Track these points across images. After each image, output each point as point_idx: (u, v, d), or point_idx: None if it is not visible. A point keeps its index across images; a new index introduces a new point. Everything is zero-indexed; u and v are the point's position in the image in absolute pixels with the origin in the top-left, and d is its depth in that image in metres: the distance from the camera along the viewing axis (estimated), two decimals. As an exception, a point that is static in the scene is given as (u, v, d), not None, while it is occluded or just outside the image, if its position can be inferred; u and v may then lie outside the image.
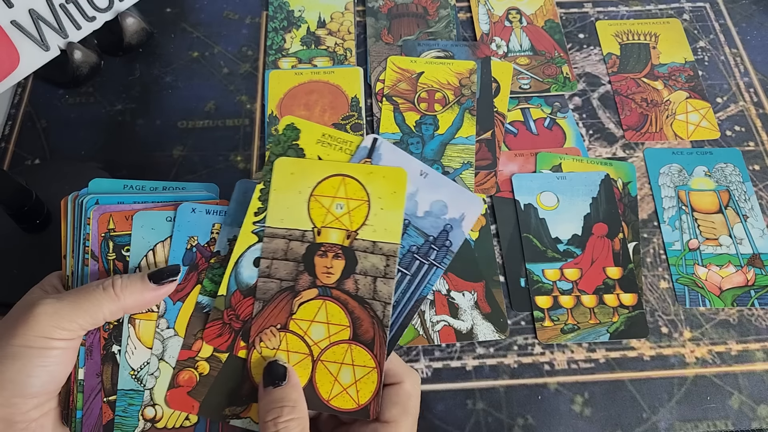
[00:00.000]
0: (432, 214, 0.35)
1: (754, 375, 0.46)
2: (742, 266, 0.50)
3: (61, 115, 0.57)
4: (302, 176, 0.35)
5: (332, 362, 0.33)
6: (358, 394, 0.33)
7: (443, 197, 0.35)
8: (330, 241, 0.34)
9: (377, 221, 0.34)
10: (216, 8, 0.65)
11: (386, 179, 0.34)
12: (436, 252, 0.35)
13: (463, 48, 0.61)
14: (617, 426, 0.44)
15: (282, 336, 0.33)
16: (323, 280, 0.34)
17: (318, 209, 0.34)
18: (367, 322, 0.33)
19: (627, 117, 0.58)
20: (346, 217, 0.34)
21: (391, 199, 0.34)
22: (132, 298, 0.32)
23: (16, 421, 0.30)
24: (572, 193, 0.53)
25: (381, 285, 0.33)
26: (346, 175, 0.35)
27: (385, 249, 0.34)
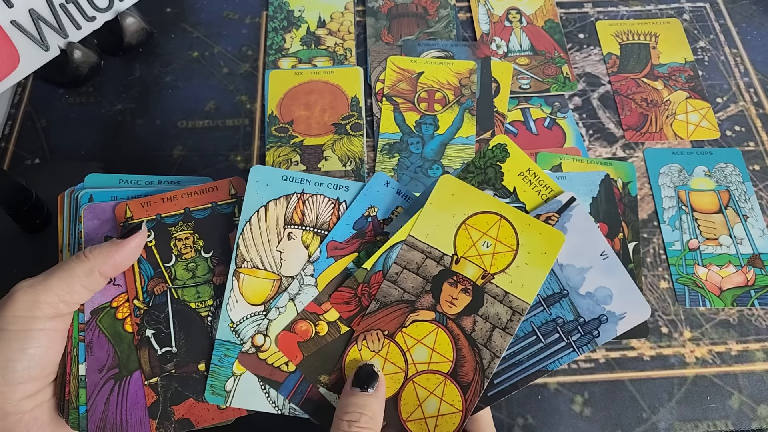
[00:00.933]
0: (594, 297, 0.33)
1: (754, 375, 0.46)
2: (742, 266, 0.50)
3: (61, 115, 0.57)
4: (462, 201, 0.34)
5: (423, 388, 0.33)
6: (435, 429, 0.32)
7: (613, 287, 0.34)
8: (464, 274, 0.34)
9: (517, 274, 0.33)
10: (216, 8, 0.65)
11: (542, 237, 0.33)
12: (579, 335, 0.33)
13: (463, 48, 0.61)
14: (617, 426, 0.44)
15: (386, 343, 0.33)
16: (444, 308, 0.33)
17: (465, 238, 0.34)
18: (471, 365, 0.33)
19: (627, 117, 0.58)
20: (489, 258, 0.34)
21: (539, 257, 0.33)
22: (101, 256, 0.32)
23: (8, 412, 0.29)
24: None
25: (497, 336, 0.33)
26: (504, 216, 0.34)
27: (515, 304, 0.33)
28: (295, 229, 0.36)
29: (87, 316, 0.35)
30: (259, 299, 0.35)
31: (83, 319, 0.35)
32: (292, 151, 0.55)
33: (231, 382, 0.34)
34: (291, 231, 0.36)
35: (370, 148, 0.56)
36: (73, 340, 0.34)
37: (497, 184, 0.36)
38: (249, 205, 0.36)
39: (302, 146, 0.55)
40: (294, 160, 0.55)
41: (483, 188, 0.36)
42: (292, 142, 0.56)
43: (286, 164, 0.54)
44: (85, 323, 0.35)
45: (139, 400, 0.34)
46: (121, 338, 0.35)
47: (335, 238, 0.36)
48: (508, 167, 0.36)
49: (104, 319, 0.35)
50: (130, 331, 0.35)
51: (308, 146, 0.55)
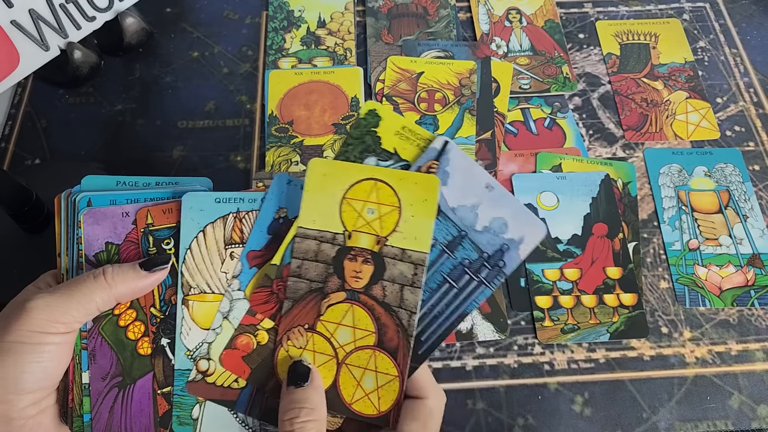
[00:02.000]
0: (490, 230, 0.34)
1: (754, 375, 0.46)
2: (742, 266, 0.50)
3: (61, 115, 0.57)
4: (335, 178, 0.34)
5: (356, 366, 0.33)
6: (379, 401, 0.33)
7: (505, 215, 0.34)
8: (360, 246, 0.34)
9: (407, 228, 0.33)
10: (216, 8, 0.65)
11: (418, 186, 0.34)
12: (488, 270, 0.34)
13: (463, 48, 0.61)
14: (617, 426, 0.44)
15: (309, 336, 0.33)
16: (352, 284, 0.34)
17: (350, 212, 0.34)
18: (392, 330, 0.33)
19: (627, 117, 0.58)
20: (377, 223, 0.34)
21: (422, 206, 0.34)
22: (123, 285, 0.32)
23: (12, 418, 0.29)
24: (572, 193, 0.53)
25: (408, 293, 0.33)
26: (377, 179, 0.34)
27: (414, 257, 0.33)
28: (237, 248, 0.36)
29: (89, 324, 0.35)
30: (211, 323, 0.35)
31: (85, 327, 0.35)
32: (292, 151, 0.55)
33: (197, 410, 0.34)
34: (233, 250, 0.36)
35: (370, 148, 0.56)
36: (76, 347, 0.34)
37: (377, 149, 0.36)
38: (186, 232, 0.36)
39: (302, 146, 0.55)
40: (294, 160, 0.55)
41: (365, 156, 0.36)
42: (292, 142, 0.56)
43: (287, 164, 0.54)
44: (88, 331, 0.35)
45: (143, 408, 0.34)
46: (124, 346, 0.35)
47: (252, 247, 0.36)
48: (383, 130, 0.36)
49: (107, 326, 0.35)
50: (133, 339, 0.35)
51: (308, 146, 0.55)
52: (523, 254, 0.34)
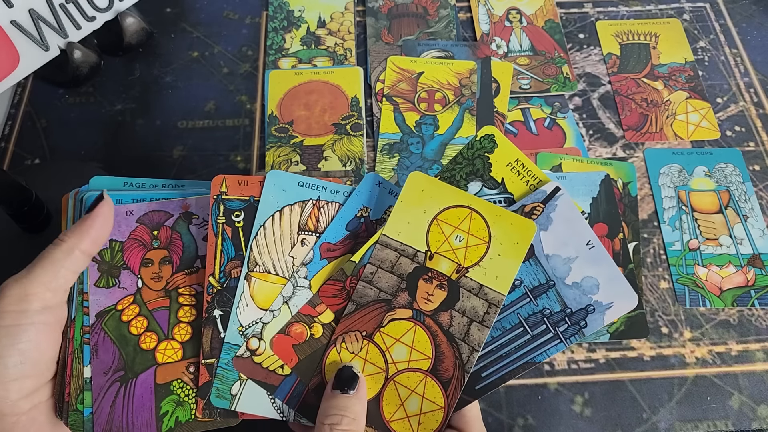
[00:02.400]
0: (580, 287, 0.33)
1: (754, 375, 0.46)
2: (742, 266, 0.50)
3: (61, 115, 0.57)
4: (432, 197, 0.34)
5: (404, 387, 0.33)
6: (419, 427, 0.32)
7: (599, 276, 0.33)
8: (439, 269, 0.33)
9: (491, 266, 0.33)
10: (216, 8, 0.65)
11: (513, 227, 0.33)
12: (567, 326, 0.33)
13: (463, 48, 0.61)
14: (617, 426, 0.44)
15: (365, 344, 0.33)
16: (421, 305, 0.33)
17: (437, 234, 0.34)
18: (450, 360, 0.33)
19: (627, 117, 0.58)
20: (462, 252, 0.33)
21: (512, 248, 0.33)
22: (76, 235, 0.32)
23: (5, 413, 0.29)
24: (572, 193, 0.53)
25: (475, 330, 0.33)
26: (474, 209, 0.34)
27: (490, 296, 0.33)
28: (309, 235, 0.36)
29: (92, 318, 0.35)
30: (269, 304, 0.35)
31: (88, 322, 0.35)
32: (292, 151, 0.55)
33: (237, 386, 0.34)
34: (305, 237, 0.36)
35: (370, 148, 0.56)
36: (75, 341, 0.34)
37: (485, 175, 0.36)
38: (264, 210, 0.36)
39: (302, 146, 0.55)
40: (294, 160, 0.55)
41: (471, 179, 0.36)
42: (292, 142, 0.56)
43: (286, 164, 0.54)
44: (90, 326, 0.35)
45: (145, 403, 0.34)
46: (127, 341, 0.35)
47: (328, 239, 0.36)
48: (496, 158, 0.36)
49: (109, 321, 0.35)
50: (136, 334, 0.35)
51: (308, 146, 0.55)
52: (608, 320, 0.33)
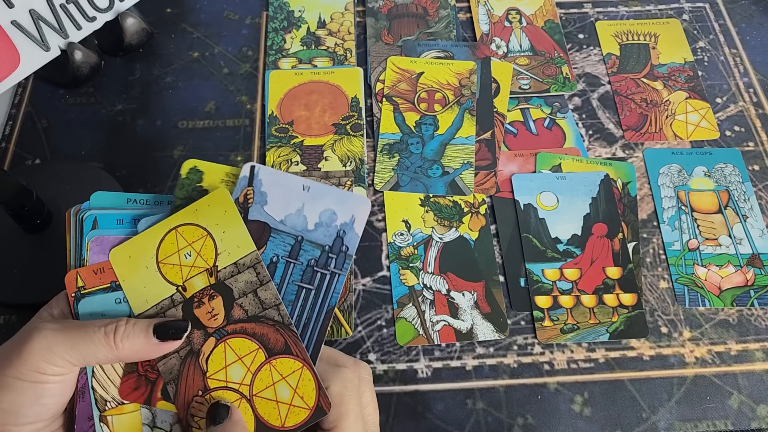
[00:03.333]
0: (322, 224, 0.35)
1: (753, 375, 0.46)
2: (741, 266, 0.50)
3: (62, 116, 0.58)
4: (139, 253, 0.34)
5: (264, 390, 0.33)
6: (303, 400, 0.32)
7: (330, 205, 0.35)
8: (199, 288, 0.34)
9: (227, 244, 0.34)
10: (216, 8, 0.65)
11: (212, 206, 0.34)
12: (334, 260, 0.35)
13: (463, 48, 0.62)
14: (617, 426, 0.44)
15: (209, 398, 0.33)
16: (213, 325, 0.33)
17: (171, 270, 0.34)
18: (272, 332, 0.33)
19: (627, 117, 0.58)
20: (199, 259, 0.34)
21: (226, 218, 0.34)
22: (131, 350, 0.31)
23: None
24: (572, 193, 0.53)
25: (263, 293, 0.33)
26: (174, 227, 0.34)
27: (248, 261, 0.34)
28: None
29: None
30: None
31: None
32: (292, 151, 0.55)
33: None
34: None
35: (370, 149, 0.56)
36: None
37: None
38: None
39: (302, 146, 0.55)
40: (294, 160, 0.55)
41: None
42: (293, 143, 0.56)
43: (287, 164, 0.54)
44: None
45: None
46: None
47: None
48: (208, 183, 0.37)
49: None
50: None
51: (308, 146, 0.55)
52: (359, 230, 0.35)
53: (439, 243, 0.51)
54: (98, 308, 0.34)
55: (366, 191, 0.53)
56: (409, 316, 0.48)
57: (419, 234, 0.51)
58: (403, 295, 0.49)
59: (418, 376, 0.46)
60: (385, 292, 0.49)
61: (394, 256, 0.50)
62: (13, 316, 0.48)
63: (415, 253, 0.50)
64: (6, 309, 0.48)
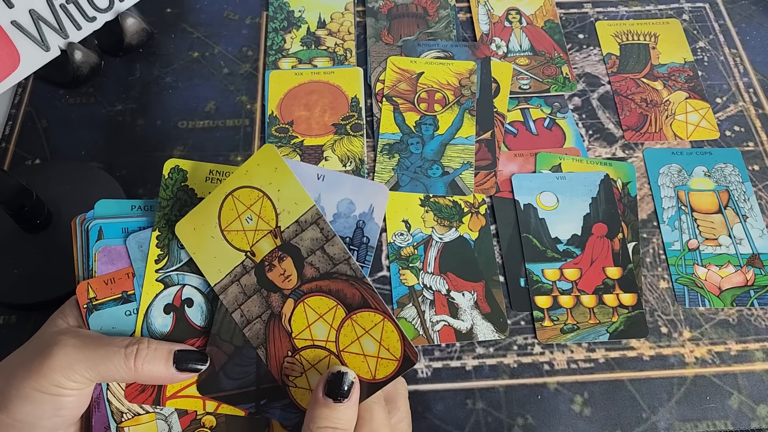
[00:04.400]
0: (341, 215, 0.34)
1: (753, 375, 0.46)
2: (741, 266, 0.50)
3: (62, 116, 0.58)
4: (202, 224, 0.34)
5: (350, 344, 0.32)
6: (390, 351, 0.32)
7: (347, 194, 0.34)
8: (267, 251, 0.33)
9: (285, 203, 0.33)
10: (216, 8, 0.65)
11: (261, 165, 0.33)
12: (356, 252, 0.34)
13: (462, 48, 0.62)
14: (617, 426, 0.44)
15: (299, 358, 0.33)
16: (288, 286, 0.33)
17: (237, 237, 0.34)
18: (347, 287, 0.32)
19: (626, 117, 0.58)
20: (261, 222, 0.33)
21: (278, 176, 0.33)
22: (149, 375, 0.32)
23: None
24: (572, 193, 0.53)
25: (330, 249, 0.33)
26: (230, 192, 0.34)
27: (309, 218, 0.33)
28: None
29: None
30: None
31: None
32: (292, 151, 0.55)
33: None
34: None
35: (370, 149, 0.56)
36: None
37: (195, 201, 0.36)
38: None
39: (302, 146, 0.55)
40: (294, 160, 0.55)
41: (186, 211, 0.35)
42: (293, 143, 0.56)
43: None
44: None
45: None
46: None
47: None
48: (193, 181, 0.36)
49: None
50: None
51: (308, 146, 0.55)
52: (379, 220, 0.34)
53: (439, 243, 0.51)
54: (108, 322, 0.34)
55: (366, 191, 0.53)
56: (409, 316, 0.48)
57: (419, 234, 0.51)
58: (403, 295, 0.49)
59: (418, 376, 0.46)
60: (385, 292, 0.49)
61: (394, 256, 0.50)
62: (13, 316, 0.48)
63: (415, 253, 0.50)
64: (6, 309, 0.48)
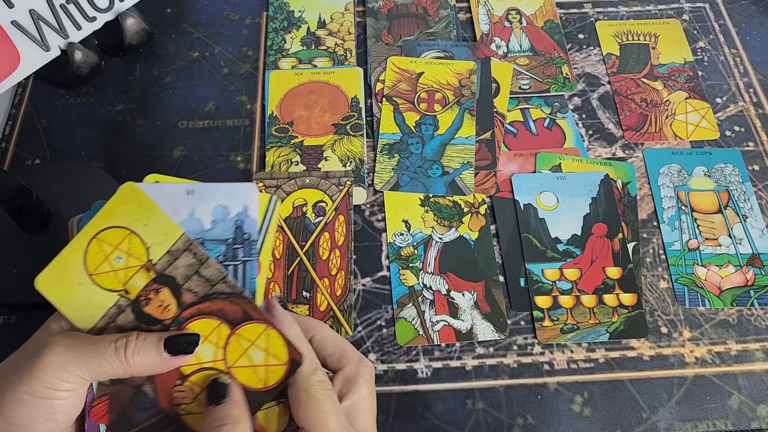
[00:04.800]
0: (218, 220, 0.35)
1: (753, 375, 0.46)
2: (741, 266, 0.50)
3: (62, 116, 0.58)
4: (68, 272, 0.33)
5: (239, 359, 0.33)
6: (277, 357, 0.33)
7: (220, 201, 0.35)
8: (141, 287, 0.33)
9: (154, 236, 0.33)
10: (216, 8, 0.65)
11: (124, 204, 0.34)
12: (241, 249, 0.35)
13: (462, 48, 0.62)
14: (617, 426, 0.44)
15: (189, 384, 0.33)
16: (168, 316, 0.33)
17: (107, 278, 0.33)
18: (227, 305, 0.33)
19: (626, 117, 0.58)
20: (131, 259, 0.33)
21: (143, 211, 0.34)
22: (142, 366, 0.31)
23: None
24: (572, 193, 0.53)
25: (206, 271, 0.33)
26: (94, 236, 0.34)
27: (181, 245, 0.33)
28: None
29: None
30: None
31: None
32: (292, 151, 0.55)
33: None
34: None
35: (370, 149, 0.56)
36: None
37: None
38: None
39: (302, 146, 0.55)
40: (294, 160, 0.55)
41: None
42: (293, 143, 0.56)
43: (287, 164, 0.54)
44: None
45: None
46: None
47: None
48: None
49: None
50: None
51: (308, 146, 0.55)
52: (254, 215, 0.35)
53: (439, 243, 0.51)
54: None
55: (366, 191, 0.53)
56: (409, 316, 0.48)
57: (419, 234, 0.51)
58: (402, 295, 0.49)
59: (417, 376, 0.46)
60: (385, 292, 0.49)
61: (394, 256, 0.50)
62: (13, 316, 0.48)
63: (415, 253, 0.50)
64: (6, 309, 0.48)
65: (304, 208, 0.52)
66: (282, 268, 0.49)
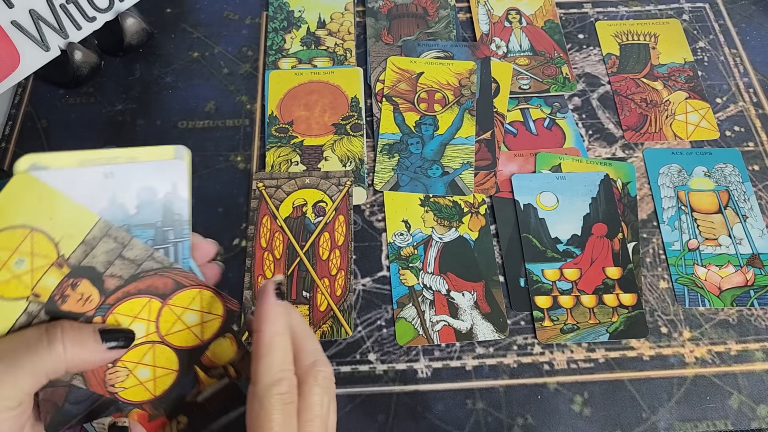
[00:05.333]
0: (144, 203, 0.31)
1: (753, 375, 0.46)
2: (741, 266, 0.50)
3: (62, 116, 0.58)
4: None
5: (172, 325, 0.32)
6: (212, 313, 0.32)
7: (145, 181, 0.31)
8: (54, 286, 0.30)
9: (63, 228, 0.30)
10: (216, 8, 0.65)
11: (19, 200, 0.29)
12: (172, 231, 0.32)
13: (462, 48, 0.62)
14: (617, 426, 0.44)
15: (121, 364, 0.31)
16: (90, 308, 0.30)
17: (9, 287, 0.29)
18: (156, 280, 0.31)
19: (626, 117, 0.58)
20: (37, 259, 0.30)
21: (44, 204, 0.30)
22: (79, 358, 0.29)
23: None
24: (572, 194, 0.53)
25: (130, 253, 0.31)
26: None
27: (98, 233, 0.30)
28: None
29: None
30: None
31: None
32: (292, 151, 0.55)
33: None
34: None
35: (370, 149, 0.56)
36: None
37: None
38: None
39: (302, 146, 0.55)
40: (294, 160, 0.55)
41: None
42: (292, 143, 0.56)
43: (287, 164, 0.54)
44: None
45: None
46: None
47: None
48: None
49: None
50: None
51: (308, 146, 0.55)
52: (184, 193, 0.32)
53: (439, 243, 0.51)
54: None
55: (366, 191, 0.53)
56: (409, 316, 0.48)
57: (419, 234, 0.51)
58: (402, 295, 0.49)
59: (417, 376, 0.46)
60: (385, 292, 0.49)
61: (393, 256, 0.50)
62: (13, 316, 0.48)
63: (415, 253, 0.50)
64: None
65: (304, 208, 0.52)
66: (282, 268, 0.50)
